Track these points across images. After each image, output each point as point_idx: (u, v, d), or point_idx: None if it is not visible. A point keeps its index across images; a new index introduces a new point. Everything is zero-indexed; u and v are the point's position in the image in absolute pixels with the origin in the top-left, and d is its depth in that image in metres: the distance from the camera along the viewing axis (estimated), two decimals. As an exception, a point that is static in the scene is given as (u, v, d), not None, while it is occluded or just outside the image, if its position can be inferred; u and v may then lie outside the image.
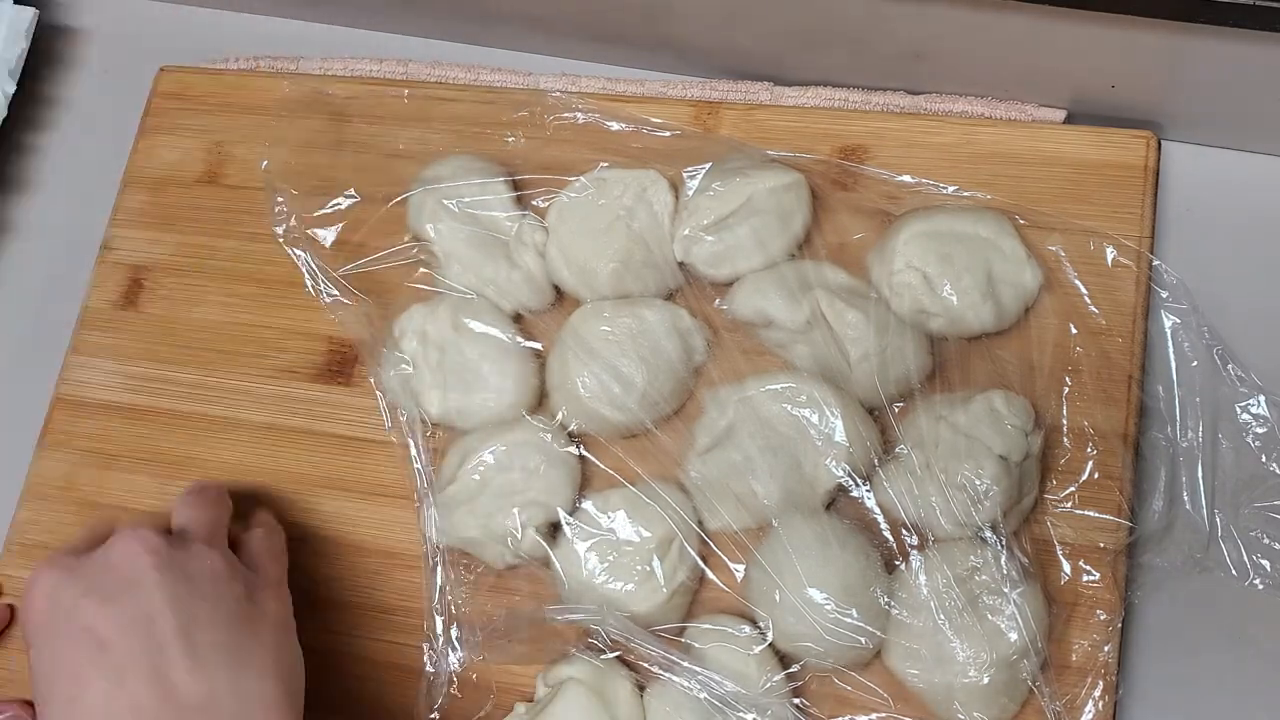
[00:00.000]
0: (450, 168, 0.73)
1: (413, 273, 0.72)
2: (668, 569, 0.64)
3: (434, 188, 0.72)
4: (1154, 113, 0.70)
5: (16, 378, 0.80)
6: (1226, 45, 0.63)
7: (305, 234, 0.74)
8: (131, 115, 0.82)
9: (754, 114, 0.74)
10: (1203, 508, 0.64)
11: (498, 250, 0.71)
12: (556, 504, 0.66)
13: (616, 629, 0.62)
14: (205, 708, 0.52)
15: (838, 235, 0.70)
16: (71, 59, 0.87)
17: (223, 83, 0.81)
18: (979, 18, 0.67)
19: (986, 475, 0.61)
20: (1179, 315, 0.67)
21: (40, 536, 0.74)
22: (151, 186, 0.80)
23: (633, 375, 0.67)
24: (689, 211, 0.70)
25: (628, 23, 0.76)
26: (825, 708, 0.62)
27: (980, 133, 0.71)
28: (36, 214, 0.84)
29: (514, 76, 0.78)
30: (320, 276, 0.73)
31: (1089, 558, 0.63)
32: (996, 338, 0.67)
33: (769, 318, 0.67)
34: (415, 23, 0.82)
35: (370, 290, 0.73)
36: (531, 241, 0.71)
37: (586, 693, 0.62)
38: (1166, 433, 0.65)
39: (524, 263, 0.71)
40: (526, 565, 0.66)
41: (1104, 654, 0.61)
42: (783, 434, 0.65)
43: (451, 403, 0.69)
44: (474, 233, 0.71)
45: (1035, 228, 0.68)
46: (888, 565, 0.63)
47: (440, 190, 0.71)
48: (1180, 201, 0.71)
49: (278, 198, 0.75)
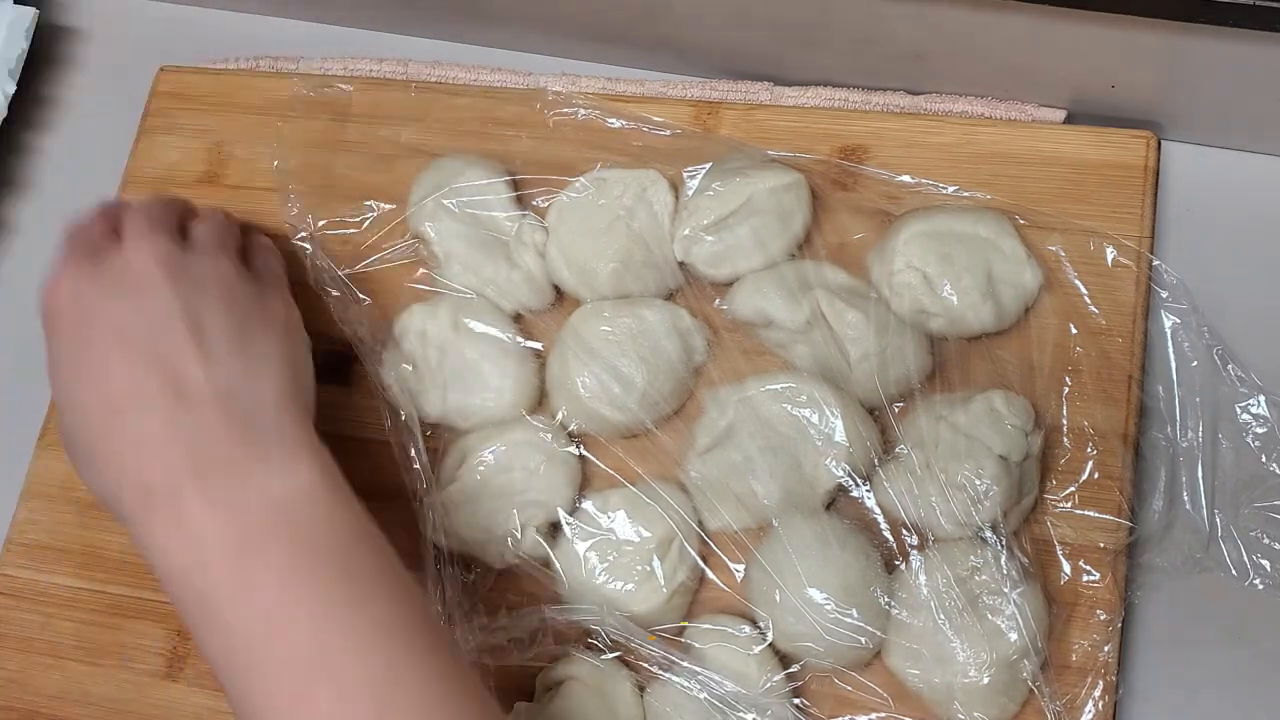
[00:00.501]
0: (450, 168, 0.73)
1: (413, 273, 0.72)
2: (668, 569, 0.64)
3: (434, 189, 0.72)
4: (1154, 113, 0.70)
5: (16, 378, 0.80)
6: (1226, 45, 0.63)
7: (315, 233, 0.74)
8: (131, 115, 0.82)
9: (754, 114, 0.74)
10: (1203, 508, 0.64)
11: (498, 250, 0.71)
12: (556, 504, 0.66)
13: (616, 629, 0.62)
14: (219, 398, 0.56)
15: (838, 235, 0.70)
16: (71, 59, 0.87)
17: (223, 83, 0.81)
18: (979, 18, 0.67)
19: (986, 475, 0.61)
20: (1179, 315, 0.67)
21: (40, 536, 0.74)
22: (152, 187, 0.80)
23: (633, 375, 0.67)
24: (689, 211, 0.70)
25: (628, 23, 0.76)
26: (825, 708, 0.62)
27: (980, 133, 0.71)
28: (36, 214, 0.84)
29: (514, 76, 0.78)
30: (324, 274, 0.73)
31: (1089, 558, 0.63)
32: (996, 338, 0.67)
33: (769, 318, 0.67)
34: (415, 23, 0.82)
35: (372, 290, 0.73)
36: (531, 241, 0.71)
37: (586, 693, 0.62)
38: (1166, 433, 0.65)
39: (524, 263, 0.71)
40: (526, 565, 0.66)
41: (1104, 654, 0.61)
42: (783, 434, 0.65)
43: (451, 403, 0.69)
44: (474, 233, 0.71)
45: (1035, 228, 0.68)
46: (888, 565, 0.63)
47: (440, 190, 0.71)
48: (1180, 201, 0.70)
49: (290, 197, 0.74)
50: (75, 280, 0.60)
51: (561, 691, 0.62)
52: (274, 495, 0.54)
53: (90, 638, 0.71)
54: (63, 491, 0.74)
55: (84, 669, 0.71)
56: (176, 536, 0.54)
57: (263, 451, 0.55)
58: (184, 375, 0.56)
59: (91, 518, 0.73)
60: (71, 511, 0.74)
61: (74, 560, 0.73)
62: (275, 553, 0.53)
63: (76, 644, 0.71)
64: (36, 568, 0.73)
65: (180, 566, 0.54)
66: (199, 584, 0.53)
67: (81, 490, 0.73)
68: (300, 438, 0.57)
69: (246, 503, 0.54)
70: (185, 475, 0.54)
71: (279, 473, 0.55)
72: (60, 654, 0.71)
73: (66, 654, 0.71)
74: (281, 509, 0.54)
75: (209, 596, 0.53)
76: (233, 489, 0.54)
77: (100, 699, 0.70)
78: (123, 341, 0.57)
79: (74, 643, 0.71)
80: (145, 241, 0.61)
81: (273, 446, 0.56)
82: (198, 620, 0.54)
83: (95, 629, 0.71)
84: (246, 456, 0.55)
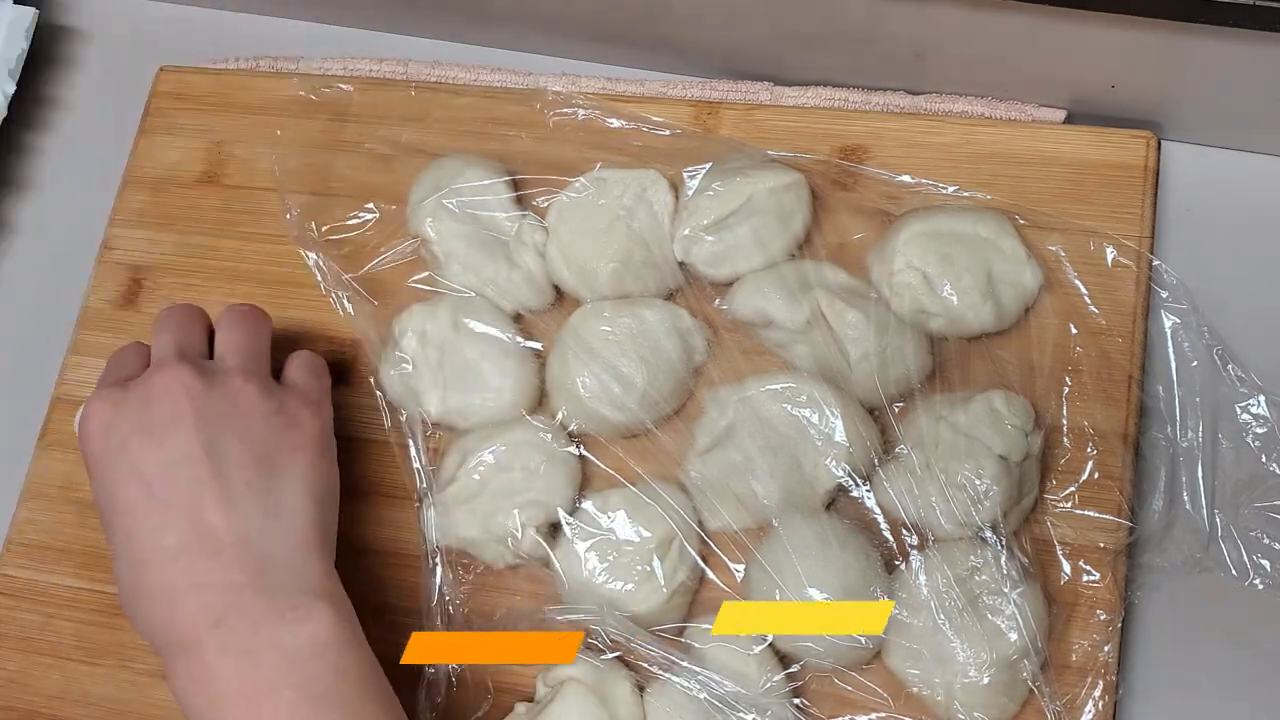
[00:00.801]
0: (450, 168, 0.73)
1: (414, 272, 0.72)
2: (668, 569, 0.64)
3: (434, 189, 0.72)
4: (1154, 113, 0.70)
5: (16, 378, 0.80)
6: (1226, 45, 0.63)
7: (317, 239, 0.74)
8: (131, 115, 0.82)
9: (754, 114, 0.74)
10: (1203, 508, 0.64)
11: (498, 250, 0.71)
12: (556, 504, 0.66)
13: (616, 630, 0.62)
14: (237, 546, 0.57)
15: (838, 235, 0.70)
16: (71, 59, 0.87)
17: (223, 82, 0.81)
18: (979, 18, 0.67)
19: (986, 475, 0.61)
20: (1179, 315, 0.67)
21: (40, 536, 0.74)
22: (151, 186, 0.80)
23: (633, 375, 0.67)
24: (689, 211, 0.70)
25: (628, 23, 0.76)
26: (825, 708, 0.62)
27: (980, 133, 0.71)
28: (36, 214, 0.84)
29: (514, 76, 0.78)
30: (329, 279, 0.73)
31: (1089, 558, 0.63)
32: (996, 338, 0.67)
33: (769, 318, 0.67)
34: (415, 23, 0.82)
35: (373, 291, 0.73)
36: (531, 242, 0.71)
37: (586, 693, 0.62)
38: (1166, 433, 0.65)
39: (524, 263, 0.71)
40: (526, 565, 0.66)
41: (1104, 654, 0.61)
42: (783, 434, 0.65)
43: (451, 402, 0.69)
44: (474, 232, 0.71)
45: (1035, 228, 0.68)
46: (888, 565, 0.63)
47: (440, 190, 0.71)
48: (1180, 201, 0.71)
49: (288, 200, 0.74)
50: (104, 411, 0.61)
51: (561, 692, 0.62)
52: (287, 646, 0.56)
53: (90, 638, 0.71)
54: (63, 492, 0.74)
55: (84, 669, 0.71)
56: (196, 683, 0.56)
57: (278, 603, 0.57)
58: (205, 523, 0.58)
59: (91, 518, 0.73)
60: (72, 511, 0.74)
61: (74, 560, 0.73)
62: (287, 702, 0.55)
63: (76, 644, 0.71)
64: (37, 568, 0.73)
65: (198, 710, 0.56)
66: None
67: (81, 490, 0.73)
68: (315, 586, 0.58)
69: (260, 653, 0.55)
70: (204, 626, 0.56)
71: (292, 623, 0.56)
72: (60, 654, 0.71)
73: (66, 654, 0.71)
74: (294, 660, 0.55)
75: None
76: (247, 639, 0.56)
77: (100, 699, 0.70)
78: (147, 489, 0.59)
79: (74, 643, 0.71)
80: (172, 372, 0.61)
81: (288, 596, 0.57)
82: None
83: (95, 629, 0.71)
84: (261, 608, 0.56)
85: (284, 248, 0.76)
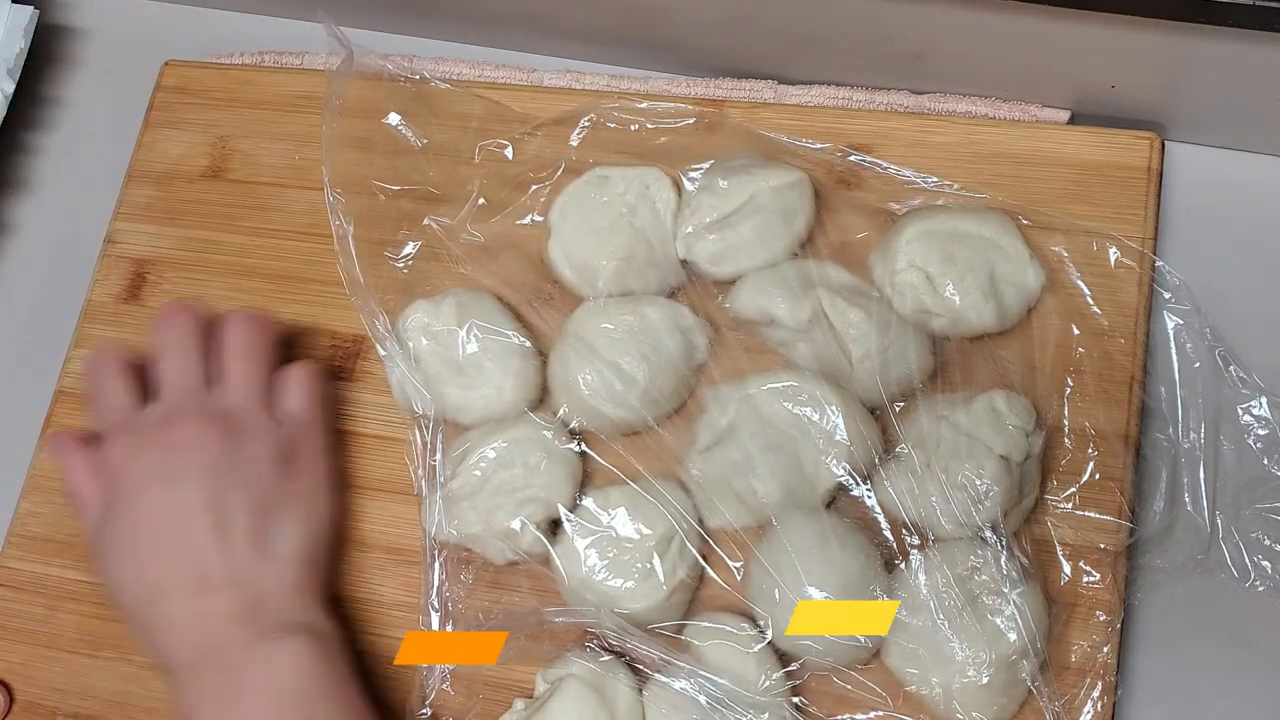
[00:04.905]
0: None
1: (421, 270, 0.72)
2: (668, 566, 0.64)
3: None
4: (1157, 113, 0.70)
5: (19, 373, 0.80)
6: (1228, 45, 0.63)
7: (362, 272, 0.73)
8: (131, 115, 0.82)
9: (758, 112, 0.74)
10: (1204, 509, 0.64)
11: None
12: (557, 501, 0.66)
13: (615, 630, 0.62)
14: (232, 585, 0.62)
15: (840, 234, 0.70)
16: (71, 59, 0.87)
17: (227, 77, 0.81)
18: (982, 18, 0.67)
19: (987, 475, 0.61)
20: (1181, 316, 0.67)
21: (42, 529, 0.74)
22: (156, 180, 0.80)
23: (634, 373, 0.67)
24: (691, 209, 0.70)
25: (631, 24, 0.76)
26: (824, 706, 0.62)
27: (983, 133, 0.71)
28: (36, 214, 0.84)
29: (518, 73, 0.78)
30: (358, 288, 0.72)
31: (1089, 558, 0.63)
32: (998, 338, 0.67)
33: (771, 316, 0.67)
34: (417, 23, 0.82)
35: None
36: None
37: (585, 690, 0.62)
38: (1168, 434, 0.65)
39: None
40: (527, 562, 0.66)
41: (1103, 655, 0.61)
42: (784, 432, 0.65)
43: (454, 399, 0.69)
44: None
45: (1038, 228, 0.68)
46: (888, 564, 0.63)
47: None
48: (1183, 202, 0.70)
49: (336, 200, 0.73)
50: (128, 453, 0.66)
51: (560, 688, 0.62)
52: (274, 678, 0.61)
53: (92, 630, 0.71)
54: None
55: (85, 661, 0.71)
56: (191, 708, 0.61)
57: (266, 637, 0.62)
58: (205, 565, 0.63)
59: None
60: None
61: (76, 553, 0.73)
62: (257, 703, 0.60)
63: (78, 636, 0.72)
64: (39, 560, 0.73)
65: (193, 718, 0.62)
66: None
67: (83, 484, 0.73)
68: (303, 621, 0.63)
69: (251, 682, 0.60)
70: (198, 656, 0.62)
71: (277, 654, 0.61)
72: (62, 646, 0.71)
73: (68, 646, 0.71)
74: (281, 690, 0.60)
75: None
76: (238, 669, 0.61)
77: (102, 691, 0.70)
78: (157, 531, 0.64)
79: (76, 635, 0.72)
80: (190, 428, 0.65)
81: (276, 629, 0.62)
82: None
83: (97, 621, 0.71)
84: (251, 640, 0.61)
85: (287, 242, 0.76)
